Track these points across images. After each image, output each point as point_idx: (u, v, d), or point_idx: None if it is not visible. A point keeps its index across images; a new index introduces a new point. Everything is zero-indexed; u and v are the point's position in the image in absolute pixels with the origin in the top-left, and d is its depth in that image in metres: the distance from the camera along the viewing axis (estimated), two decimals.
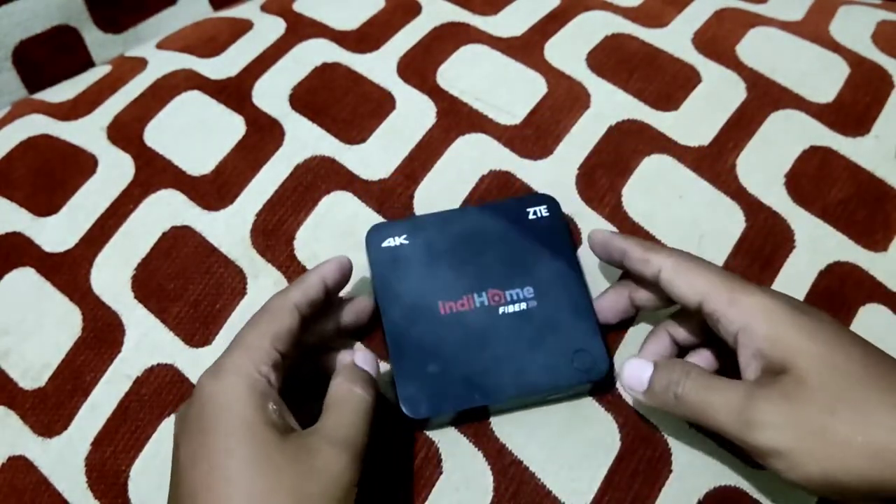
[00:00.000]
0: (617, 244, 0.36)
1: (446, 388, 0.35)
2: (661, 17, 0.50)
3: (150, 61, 0.51)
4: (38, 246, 0.42)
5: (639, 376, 0.33)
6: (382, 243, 0.39)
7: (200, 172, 0.44)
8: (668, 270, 0.33)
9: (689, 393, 0.31)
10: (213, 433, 0.28)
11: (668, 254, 0.34)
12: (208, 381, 0.30)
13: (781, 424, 0.28)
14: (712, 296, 0.31)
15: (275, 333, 0.32)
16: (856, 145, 0.44)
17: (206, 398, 0.29)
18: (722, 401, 0.30)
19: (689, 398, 0.31)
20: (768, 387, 0.29)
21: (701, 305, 0.32)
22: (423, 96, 0.46)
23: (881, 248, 0.41)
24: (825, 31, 0.49)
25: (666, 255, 0.34)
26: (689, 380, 0.31)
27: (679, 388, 0.31)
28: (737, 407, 0.29)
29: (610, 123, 0.45)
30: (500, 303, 0.37)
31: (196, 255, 0.41)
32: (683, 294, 0.33)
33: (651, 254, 0.34)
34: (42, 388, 0.38)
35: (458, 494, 0.35)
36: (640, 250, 0.35)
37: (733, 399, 0.29)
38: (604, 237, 0.37)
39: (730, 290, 0.31)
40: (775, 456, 0.28)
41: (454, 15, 0.50)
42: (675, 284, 0.33)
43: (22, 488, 0.37)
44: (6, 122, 0.49)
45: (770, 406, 0.28)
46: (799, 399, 0.28)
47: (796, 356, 0.29)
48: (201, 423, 0.29)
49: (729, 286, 0.31)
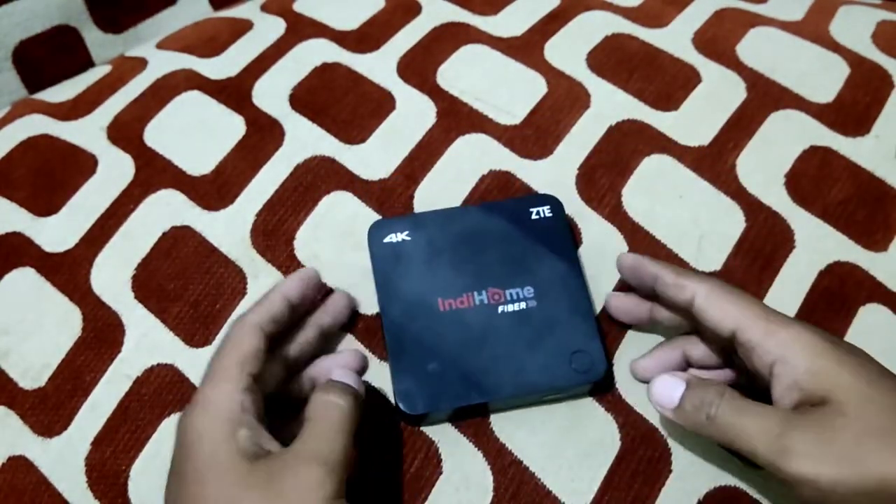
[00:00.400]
0: (649, 269, 0.36)
1: (443, 385, 0.35)
2: (661, 17, 0.50)
3: (150, 61, 0.51)
4: (38, 246, 0.42)
5: (670, 393, 0.33)
6: (384, 239, 0.39)
7: (200, 172, 0.44)
8: (702, 297, 0.33)
9: (722, 415, 0.31)
10: (186, 472, 0.29)
11: (701, 280, 0.34)
12: (182, 420, 0.30)
13: (817, 455, 0.28)
14: (747, 325, 0.31)
15: (240, 358, 0.32)
16: (856, 145, 0.44)
17: (180, 437, 0.30)
18: (757, 426, 0.30)
19: (722, 420, 0.31)
20: (806, 416, 0.29)
21: (735, 334, 0.32)
22: (423, 96, 0.46)
23: (881, 248, 0.41)
24: (825, 31, 0.49)
25: (699, 281, 0.34)
26: (724, 402, 0.31)
27: (712, 409, 0.31)
28: (772, 433, 0.29)
29: (610, 123, 0.45)
30: (499, 301, 0.37)
31: (196, 255, 0.41)
32: (717, 322, 0.32)
33: (685, 279, 0.34)
34: (42, 388, 0.38)
35: (458, 494, 0.35)
36: (673, 276, 0.34)
37: (769, 425, 0.29)
38: (634, 261, 0.37)
39: (766, 321, 0.31)
40: (808, 485, 0.28)
41: (454, 15, 0.50)
42: (708, 312, 0.33)
43: (22, 488, 0.37)
44: (6, 122, 0.49)
45: (807, 435, 0.29)
46: (837, 431, 0.28)
47: (836, 389, 0.29)
48: (178, 464, 0.30)
49: (764, 316, 0.31)
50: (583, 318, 0.37)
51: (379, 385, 0.37)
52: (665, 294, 0.35)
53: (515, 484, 0.35)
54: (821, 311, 0.39)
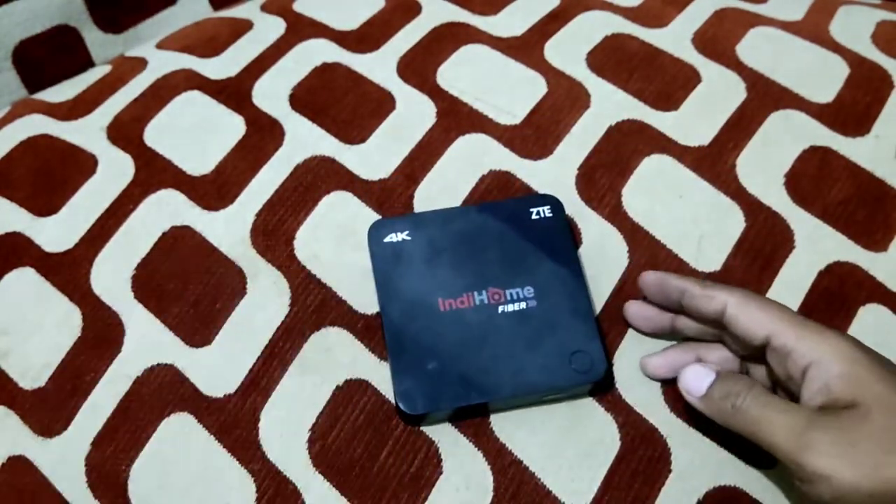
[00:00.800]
0: (675, 283, 0.36)
1: (443, 385, 0.35)
2: (661, 17, 0.50)
3: (150, 61, 0.51)
4: (38, 246, 0.42)
5: (699, 381, 0.34)
6: (384, 239, 0.39)
7: (200, 172, 0.44)
8: (734, 306, 0.34)
9: (749, 406, 0.32)
10: None
11: (730, 290, 0.34)
12: None
13: (839, 454, 0.29)
14: (782, 331, 0.32)
15: None
16: (856, 145, 0.44)
17: None
18: (782, 420, 0.30)
19: (748, 411, 0.31)
20: (831, 417, 0.30)
21: (769, 340, 0.33)
22: (423, 96, 0.46)
23: (881, 248, 0.41)
24: (825, 31, 0.49)
25: (728, 291, 0.34)
26: (752, 393, 0.32)
27: (739, 399, 0.32)
28: (796, 429, 0.30)
29: (610, 123, 0.45)
30: (499, 301, 0.37)
31: (196, 255, 0.41)
32: (749, 329, 0.33)
33: (713, 290, 0.35)
34: (42, 388, 0.38)
35: (458, 494, 0.35)
36: (701, 288, 0.35)
37: (794, 421, 0.30)
38: (658, 277, 0.37)
39: (800, 327, 0.32)
40: (823, 481, 0.29)
41: (454, 15, 0.50)
42: (740, 320, 0.33)
43: (22, 488, 0.37)
44: (6, 122, 0.49)
45: (830, 435, 0.29)
46: (862, 435, 0.29)
47: (866, 396, 0.30)
48: None
49: (798, 322, 0.32)
50: (583, 319, 0.37)
51: (379, 385, 0.37)
52: (693, 305, 0.35)
53: (515, 484, 0.35)
54: (821, 311, 0.39)
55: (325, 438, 0.36)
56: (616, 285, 0.40)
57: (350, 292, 0.40)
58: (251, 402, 0.37)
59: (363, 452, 0.36)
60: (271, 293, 0.40)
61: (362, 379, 0.37)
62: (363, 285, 0.39)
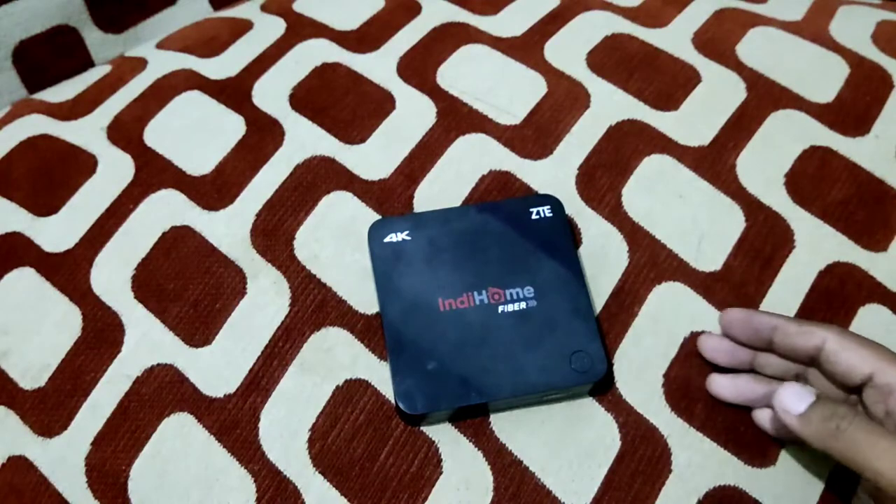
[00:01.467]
0: (765, 320, 0.36)
1: (443, 385, 0.35)
2: (661, 17, 0.50)
3: (150, 61, 0.51)
4: (38, 246, 0.42)
5: (799, 400, 0.33)
6: (384, 238, 0.39)
7: (200, 172, 0.44)
8: (834, 342, 0.33)
9: (854, 430, 0.31)
10: None
11: (826, 327, 0.34)
12: None
13: None
14: (885, 368, 0.32)
15: None
16: (856, 145, 0.44)
17: None
18: (888, 447, 0.30)
19: (852, 435, 0.31)
20: None
21: (872, 377, 0.32)
22: (423, 96, 0.46)
23: (881, 248, 0.41)
24: (825, 31, 0.49)
25: (826, 328, 0.34)
26: (858, 418, 0.31)
27: (844, 422, 0.31)
28: None
29: (610, 123, 0.45)
30: (499, 301, 0.37)
31: (196, 255, 0.41)
32: (850, 366, 0.33)
33: (810, 326, 0.34)
34: (42, 388, 0.38)
35: (458, 494, 0.35)
36: (796, 325, 0.35)
37: None
38: (744, 315, 0.37)
39: None
40: None
41: (454, 15, 0.50)
42: (841, 357, 0.33)
43: (22, 488, 0.37)
44: (6, 122, 0.49)
45: None
46: None
47: None
48: None
49: None
50: (583, 318, 0.37)
51: (379, 385, 0.37)
52: (788, 343, 0.35)
53: (515, 484, 0.35)
54: (821, 312, 0.39)
55: (325, 438, 0.36)
56: (616, 285, 0.40)
57: (350, 292, 0.40)
58: (251, 402, 0.37)
59: (363, 452, 0.36)
60: (271, 293, 0.40)
61: (362, 379, 0.37)
62: (363, 285, 0.39)
